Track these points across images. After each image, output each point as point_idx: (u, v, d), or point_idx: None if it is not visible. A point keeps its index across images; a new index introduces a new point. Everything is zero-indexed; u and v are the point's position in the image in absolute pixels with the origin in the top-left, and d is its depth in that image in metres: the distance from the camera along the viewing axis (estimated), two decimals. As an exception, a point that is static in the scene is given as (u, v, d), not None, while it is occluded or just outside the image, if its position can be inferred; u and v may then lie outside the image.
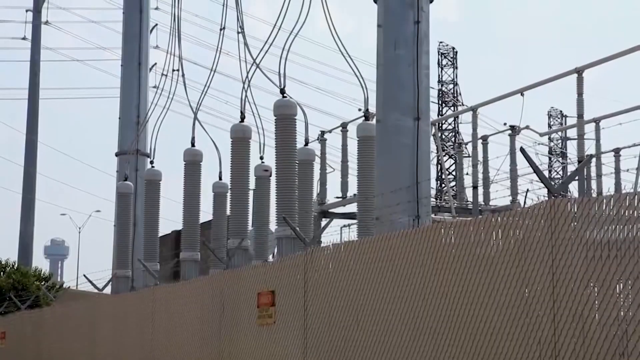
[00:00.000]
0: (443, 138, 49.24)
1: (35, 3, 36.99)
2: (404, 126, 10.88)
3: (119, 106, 23.34)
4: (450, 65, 52.90)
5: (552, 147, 48.68)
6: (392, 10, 10.99)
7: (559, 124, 54.17)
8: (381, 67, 11.14)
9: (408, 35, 10.90)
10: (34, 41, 36.68)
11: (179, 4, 17.22)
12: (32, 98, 35.89)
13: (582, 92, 14.44)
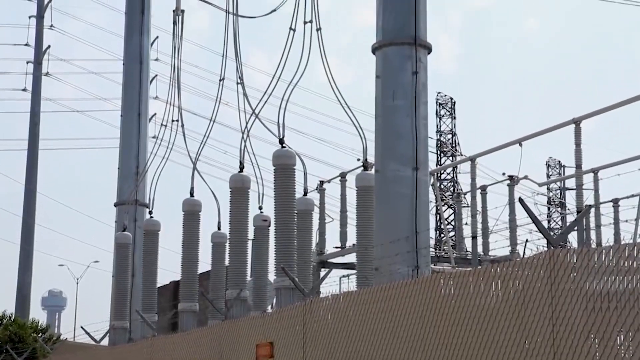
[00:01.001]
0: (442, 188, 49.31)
1: (36, 55, 37.24)
2: (403, 176, 10.89)
3: (119, 156, 23.39)
4: (448, 116, 53.15)
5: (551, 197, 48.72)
6: (391, 61, 11.07)
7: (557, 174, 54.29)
8: (380, 118, 11.18)
9: (406, 85, 10.97)
10: (34, 92, 36.88)
11: (179, 55, 17.34)
12: (31, 149, 35.98)
13: (580, 142, 14.48)
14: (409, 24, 11.05)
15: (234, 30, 14.35)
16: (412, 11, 11.03)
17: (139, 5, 20.30)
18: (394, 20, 11.13)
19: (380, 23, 11.21)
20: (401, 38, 11.05)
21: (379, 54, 11.20)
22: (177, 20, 16.79)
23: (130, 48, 21.52)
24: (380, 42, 11.15)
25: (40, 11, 38.03)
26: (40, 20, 37.95)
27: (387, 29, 11.12)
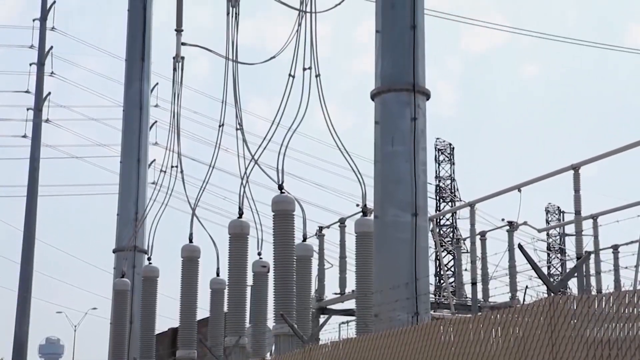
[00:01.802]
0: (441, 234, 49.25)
1: (37, 102, 37.40)
2: (402, 222, 10.87)
3: (118, 202, 23.37)
4: (447, 161, 53.29)
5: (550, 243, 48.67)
6: (389, 107, 11.11)
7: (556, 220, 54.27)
8: (379, 163, 11.20)
9: (405, 131, 10.99)
10: (34, 139, 36.96)
11: (179, 101, 17.41)
12: (30, 195, 35.96)
13: (579, 188, 14.48)
14: (408, 70, 11.11)
15: (233, 76, 14.43)
16: (410, 58, 11.10)
17: (139, 52, 20.42)
18: (393, 67, 11.19)
19: (379, 70, 11.28)
20: (400, 84, 11.10)
21: (377, 100, 11.25)
22: (177, 67, 16.88)
23: (130, 94, 21.62)
24: (379, 88, 11.20)
25: (41, 59, 38.25)
26: (41, 68, 38.16)
27: (385, 76, 11.18)
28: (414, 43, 11.14)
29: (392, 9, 11.19)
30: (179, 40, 16.68)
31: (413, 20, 11.17)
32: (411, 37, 11.15)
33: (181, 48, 16.65)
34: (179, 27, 16.61)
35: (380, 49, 11.29)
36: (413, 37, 11.16)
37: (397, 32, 11.20)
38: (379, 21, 11.31)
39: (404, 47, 11.14)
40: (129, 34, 19.37)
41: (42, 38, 38.60)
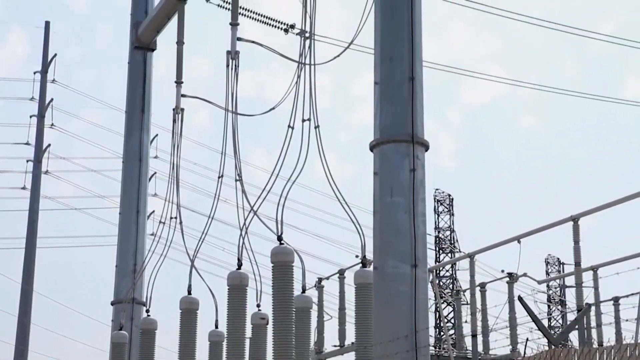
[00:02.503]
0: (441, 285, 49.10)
1: (36, 153, 37.51)
2: (402, 273, 10.83)
3: (116, 254, 23.27)
4: (446, 212, 53.33)
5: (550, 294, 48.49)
6: (388, 158, 11.14)
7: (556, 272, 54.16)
8: (378, 214, 11.19)
9: (404, 183, 11.00)
10: (33, 190, 36.99)
11: (178, 153, 17.45)
12: (29, 247, 35.88)
13: (579, 240, 14.45)
14: (406, 122, 11.16)
15: (233, 128, 14.48)
16: (409, 109, 11.15)
17: (139, 104, 20.51)
18: (392, 118, 11.24)
19: (378, 121, 11.33)
20: (399, 136, 11.14)
21: (376, 152, 11.27)
22: (177, 118, 16.95)
23: (129, 146, 21.66)
24: (377, 139, 11.24)
25: (41, 111, 38.46)
26: (41, 120, 38.34)
27: (384, 127, 11.22)
28: (413, 95, 11.20)
29: (390, 61, 11.27)
30: (178, 92, 16.78)
31: (411, 72, 11.24)
32: (410, 89, 11.22)
33: (181, 100, 16.75)
34: (179, 79, 16.73)
35: (379, 100, 11.35)
36: (411, 88, 11.22)
37: (395, 83, 11.27)
38: (377, 73, 11.39)
39: (403, 98, 11.20)
40: (129, 85, 19.48)
41: (42, 90, 38.86)
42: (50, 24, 39.93)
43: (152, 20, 17.50)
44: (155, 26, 17.55)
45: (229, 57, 14.28)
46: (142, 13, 18.13)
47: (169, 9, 16.84)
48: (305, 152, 12.81)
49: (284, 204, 12.86)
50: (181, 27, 16.59)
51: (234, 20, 14.38)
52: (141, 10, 18.22)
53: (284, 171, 13.17)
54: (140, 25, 17.93)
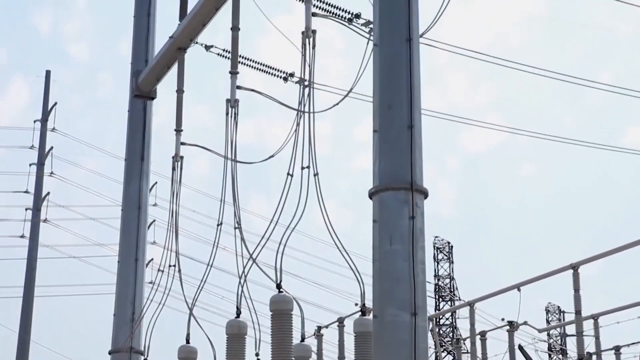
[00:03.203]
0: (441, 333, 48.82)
1: (35, 202, 37.53)
2: (401, 322, 10.76)
3: (115, 303, 23.16)
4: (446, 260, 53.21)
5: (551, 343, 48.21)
6: (387, 206, 11.12)
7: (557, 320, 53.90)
8: (377, 262, 11.15)
9: (403, 230, 10.98)
10: (31, 239, 36.94)
11: (177, 200, 17.46)
12: (26, 296, 35.75)
13: (579, 288, 14.41)
14: (405, 169, 11.16)
15: (232, 175, 14.51)
16: (408, 157, 11.16)
17: (138, 152, 20.54)
18: (390, 166, 11.24)
19: (377, 168, 11.33)
20: (398, 183, 11.13)
21: (375, 199, 11.27)
22: (176, 166, 16.99)
23: (129, 194, 21.66)
24: (376, 187, 11.23)
25: (41, 159, 38.56)
26: (40, 168, 38.43)
27: (383, 175, 11.22)
28: (412, 142, 11.22)
29: (389, 109, 11.31)
30: (178, 140, 16.86)
31: (410, 120, 11.27)
32: (409, 137, 11.23)
33: (180, 147, 16.81)
34: (179, 127, 16.82)
35: (378, 148, 11.36)
36: (410, 136, 11.25)
37: (394, 131, 11.29)
38: (376, 121, 11.42)
39: (402, 146, 11.21)
40: (129, 134, 19.54)
41: (42, 139, 39.01)
42: (50, 73, 40.23)
43: (152, 69, 17.60)
44: (155, 75, 17.65)
45: (228, 105, 14.37)
46: (142, 62, 18.24)
47: (169, 57, 16.96)
48: (305, 200, 12.82)
49: (283, 252, 12.84)
50: (181, 75, 16.71)
51: (234, 69, 14.48)
52: (141, 59, 18.33)
53: (283, 218, 13.16)
54: (140, 74, 18.03)
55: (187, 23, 16.14)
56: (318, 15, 13.13)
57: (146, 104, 18.67)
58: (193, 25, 16.04)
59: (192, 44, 16.37)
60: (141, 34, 18.53)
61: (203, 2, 15.51)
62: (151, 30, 18.51)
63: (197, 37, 16.25)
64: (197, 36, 16.23)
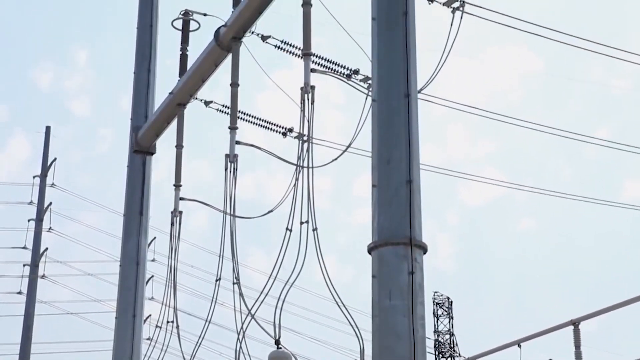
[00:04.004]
0: (441, 391, 48.38)
1: (33, 258, 37.43)
2: (401, 378, 10.66)
3: (112, 359, 23.00)
4: (446, 315, 52.97)
5: (553, 400, 47.75)
6: (386, 261, 11.09)
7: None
8: (376, 318, 11.08)
9: (403, 285, 10.92)
10: (29, 295, 36.78)
11: (176, 256, 17.41)
12: (23, 353, 35.48)
13: (580, 344, 14.32)
14: (404, 224, 11.14)
15: (231, 230, 14.49)
16: (407, 212, 11.15)
17: (137, 207, 20.54)
18: (390, 221, 11.23)
19: (376, 223, 11.32)
20: (397, 238, 11.10)
21: (374, 254, 11.23)
22: (175, 221, 16.98)
23: (127, 249, 21.61)
24: (375, 242, 11.21)
25: (39, 215, 38.54)
26: (39, 224, 38.39)
27: (382, 230, 11.20)
28: (410, 197, 11.22)
29: (387, 164, 11.33)
30: (177, 196, 16.87)
31: (409, 175, 11.29)
32: (407, 192, 11.24)
33: (179, 203, 16.81)
34: (178, 183, 16.85)
35: (376, 203, 11.36)
36: (409, 191, 11.25)
37: (393, 186, 11.29)
38: (375, 176, 11.43)
39: (401, 201, 11.21)
40: (128, 189, 19.56)
41: (41, 194, 39.03)
42: (50, 129, 40.40)
43: (151, 124, 17.67)
44: (154, 130, 17.72)
45: (227, 160, 14.40)
46: (142, 117, 18.32)
47: (168, 113, 17.04)
48: (304, 255, 12.78)
49: (281, 307, 12.77)
50: (180, 131, 16.77)
51: (233, 124, 14.55)
52: (141, 114, 18.42)
53: (282, 274, 13.11)
54: (139, 129, 18.10)
55: (186, 79, 16.25)
56: (317, 71, 13.23)
57: (145, 159, 18.71)
58: (193, 81, 16.15)
59: (191, 99, 16.47)
60: (141, 89, 18.64)
61: (203, 58, 15.63)
62: (151, 86, 18.62)
63: (197, 93, 16.34)
64: (196, 92, 16.33)
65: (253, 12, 14.22)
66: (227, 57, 15.09)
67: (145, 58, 18.74)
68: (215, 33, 15.00)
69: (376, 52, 11.43)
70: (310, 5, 12.96)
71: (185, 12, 16.93)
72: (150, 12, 18.74)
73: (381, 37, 11.39)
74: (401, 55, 11.30)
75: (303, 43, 13.03)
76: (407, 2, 11.26)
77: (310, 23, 13.03)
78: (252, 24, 14.40)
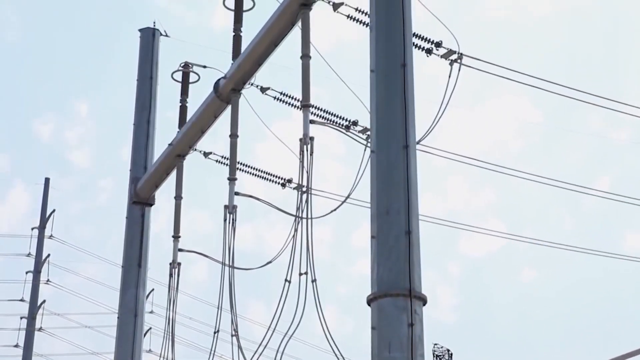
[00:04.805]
0: None
1: (31, 310, 37.21)
2: None
3: (109, 412, 22.78)
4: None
5: None
6: (386, 313, 11.01)
7: None
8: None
9: (402, 337, 10.84)
10: (26, 348, 36.47)
11: (174, 308, 17.29)
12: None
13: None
14: (404, 276, 11.09)
15: (229, 282, 14.42)
16: (406, 263, 11.09)
17: (136, 259, 20.47)
18: (389, 273, 11.17)
19: (375, 275, 11.26)
20: (396, 290, 11.04)
21: (374, 306, 11.15)
22: (173, 273, 16.90)
23: (125, 301, 21.48)
24: (375, 293, 11.14)
25: (37, 267, 38.37)
26: (37, 276, 38.19)
27: (381, 281, 11.15)
28: (409, 248, 11.17)
29: (386, 215, 11.30)
30: (175, 247, 16.80)
31: (408, 226, 11.25)
32: (406, 243, 11.19)
33: (178, 254, 16.74)
34: (176, 234, 16.79)
35: (375, 254, 11.31)
36: (408, 242, 11.20)
37: (392, 237, 11.25)
38: (374, 227, 11.39)
39: (400, 252, 11.15)
40: (127, 240, 19.48)
41: (39, 246, 38.87)
42: (49, 180, 40.36)
43: (150, 175, 17.66)
44: (154, 181, 17.70)
45: (226, 212, 14.36)
46: (141, 168, 18.32)
47: (168, 164, 17.03)
48: (302, 307, 12.69)
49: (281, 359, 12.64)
50: (179, 182, 16.75)
51: (232, 176, 14.55)
52: (140, 166, 18.42)
53: (281, 325, 13.01)
54: (139, 180, 18.08)
55: (186, 130, 16.27)
56: (316, 122, 13.25)
57: (144, 210, 18.67)
58: (192, 133, 16.17)
59: (191, 150, 16.47)
60: (140, 141, 18.66)
61: (202, 110, 15.67)
62: (150, 137, 18.64)
63: (196, 144, 16.35)
64: (196, 143, 16.34)
65: (252, 64, 14.30)
66: (226, 109, 15.14)
67: (145, 109, 18.80)
68: (214, 85, 15.06)
69: (375, 104, 11.45)
70: (309, 57, 13.03)
71: (185, 64, 17.03)
72: (150, 64, 18.84)
73: (380, 88, 11.43)
74: (400, 107, 11.32)
75: (302, 94, 13.08)
76: (405, 55, 11.32)
77: (309, 75, 13.09)
78: (251, 76, 14.47)
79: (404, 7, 11.33)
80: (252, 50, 14.12)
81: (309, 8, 13.16)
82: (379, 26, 11.32)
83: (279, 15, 13.48)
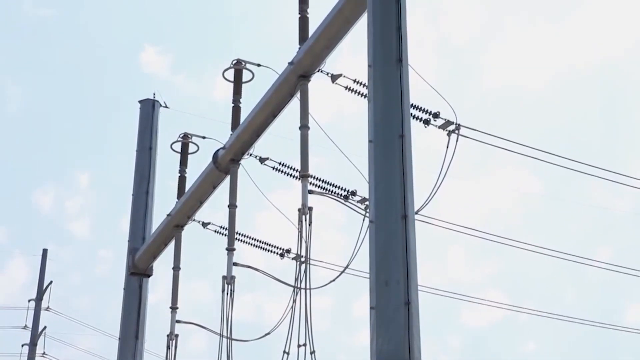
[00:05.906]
0: None
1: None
2: None
3: None
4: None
5: None
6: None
7: None
8: None
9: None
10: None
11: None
12: None
13: None
14: (403, 347, 10.97)
15: (227, 353, 14.27)
16: (405, 335, 10.98)
17: (133, 331, 20.28)
18: (388, 344, 11.05)
19: (374, 346, 11.14)
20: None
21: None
22: (171, 344, 16.74)
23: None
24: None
25: (33, 339, 38.06)
26: (32, 349, 37.85)
27: (380, 352, 10.99)
28: (409, 320, 11.07)
29: (386, 285, 11.22)
30: (173, 318, 16.67)
31: (407, 297, 11.16)
32: (406, 314, 11.09)
33: (176, 325, 16.59)
34: (174, 305, 16.68)
35: (374, 325, 11.21)
36: (407, 313, 11.10)
37: (391, 308, 11.16)
38: (373, 297, 11.31)
39: (399, 323, 11.05)
40: (124, 312, 19.33)
41: (36, 318, 38.60)
42: (47, 252, 40.24)
43: (149, 246, 17.61)
44: (152, 252, 17.64)
45: (224, 282, 14.28)
46: (140, 239, 18.27)
47: (166, 235, 17.00)
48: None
49: None
50: (178, 253, 16.69)
51: (230, 246, 14.50)
52: (138, 236, 18.37)
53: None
54: (137, 251, 18.02)
55: (184, 201, 16.26)
56: (315, 192, 13.26)
57: (142, 281, 18.56)
58: (191, 203, 16.16)
59: (189, 221, 16.44)
60: (139, 211, 18.63)
61: (201, 180, 15.69)
62: (149, 208, 18.62)
63: (195, 215, 16.33)
64: (194, 214, 16.32)
65: (251, 135, 14.35)
66: (225, 179, 15.16)
67: (144, 180, 18.81)
68: (213, 155, 15.10)
69: (373, 174, 11.45)
70: (307, 128, 13.09)
71: (184, 135, 17.11)
72: (150, 135, 18.91)
73: (378, 159, 11.44)
74: (398, 177, 11.31)
75: (300, 165, 13.11)
76: (403, 125, 11.35)
77: (308, 145, 13.14)
78: (250, 146, 14.52)
79: (402, 78, 11.40)
80: (251, 121, 14.19)
81: (307, 79, 13.25)
82: (377, 97, 11.37)
83: (277, 86, 13.58)
